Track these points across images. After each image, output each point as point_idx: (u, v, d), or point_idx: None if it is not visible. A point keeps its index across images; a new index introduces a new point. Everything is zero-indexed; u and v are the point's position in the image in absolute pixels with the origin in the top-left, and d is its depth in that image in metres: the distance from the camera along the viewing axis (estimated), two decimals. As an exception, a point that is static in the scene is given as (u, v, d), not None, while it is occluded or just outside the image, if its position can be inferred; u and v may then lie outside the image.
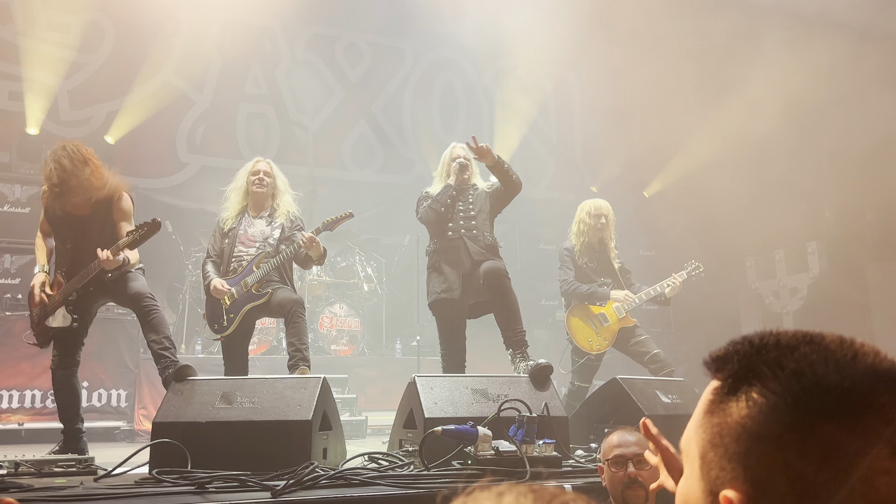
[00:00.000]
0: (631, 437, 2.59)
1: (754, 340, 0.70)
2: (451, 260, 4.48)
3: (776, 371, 0.66)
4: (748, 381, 0.67)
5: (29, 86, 8.25)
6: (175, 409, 3.32)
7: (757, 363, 0.68)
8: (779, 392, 0.64)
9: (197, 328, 7.47)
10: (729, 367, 0.70)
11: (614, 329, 5.37)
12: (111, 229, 4.12)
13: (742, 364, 0.69)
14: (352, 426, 6.30)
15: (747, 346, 0.70)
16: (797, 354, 0.66)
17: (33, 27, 8.38)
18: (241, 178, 4.70)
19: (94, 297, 4.15)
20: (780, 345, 0.68)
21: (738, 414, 0.66)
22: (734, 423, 0.66)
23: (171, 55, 8.98)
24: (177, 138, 9.01)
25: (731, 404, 0.68)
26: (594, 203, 5.59)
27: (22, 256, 6.76)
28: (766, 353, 0.68)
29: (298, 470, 2.75)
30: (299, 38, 9.84)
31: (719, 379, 0.71)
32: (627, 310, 5.38)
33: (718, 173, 9.29)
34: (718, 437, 0.68)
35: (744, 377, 0.68)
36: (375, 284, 8.50)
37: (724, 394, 0.69)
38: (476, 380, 3.73)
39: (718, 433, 0.68)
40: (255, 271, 4.42)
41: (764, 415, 0.64)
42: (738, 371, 0.69)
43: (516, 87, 10.78)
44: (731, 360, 0.70)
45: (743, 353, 0.70)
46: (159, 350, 3.99)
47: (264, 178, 4.61)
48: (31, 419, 6.07)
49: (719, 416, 0.68)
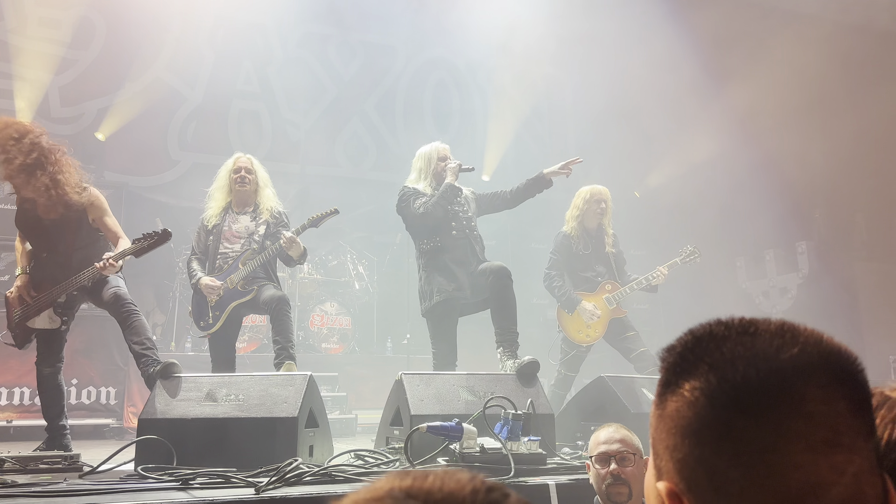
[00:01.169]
0: (616, 435, 2.60)
1: (696, 331, 0.70)
2: (459, 258, 4.45)
3: (702, 366, 0.66)
4: (682, 375, 0.67)
5: (19, 83, 8.21)
6: (161, 406, 3.32)
7: (690, 357, 0.68)
8: (700, 387, 0.64)
9: (187, 326, 7.45)
10: (669, 359, 0.70)
11: (605, 320, 5.38)
12: (88, 227, 4.10)
13: (678, 357, 0.69)
14: (342, 424, 6.29)
15: (688, 338, 0.70)
16: (724, 348, 0.66)
17: (24, 24, 8.34)
18: (222, 176, 4.69)
19: (76, 299, 4.16)
20: (713, 337, 0.68)
21: (671, 407, 0.67)
22: (668, 416, 0.67)
23: (163, 52, 8.95)
24: (168, 135, 8.97)
25: (667, 397, 0.68)
26: (593, 188, 5.59)
27: (10, 253, 6.71)
28: (700, 347, 0.68)
29: (282, 466, 2.75)
30: (292, 35, 9.81)
31: (661, 371, 0.71)
32: (618, 300, 5.40)
33: (709, 173, 9.33)
34: (658, 430, 0.68)
35: (678, 371, 0.68)
36: (367, 283, 8.49)
37: (664, 386, 0.69)
38: (463, 377, 3.74)
39: (657, 425, 0.69)
40: (240, 268, 4.42)
41: (688, 410, 0.64)
42: (674, 364, 0.69)
43: (509, 86, 10.79)
44: (672, 352, 0.70)
45: (684, 345, 0.70)
46: (141, 350, 3.98)
47: (246, 175, 4.60)
48: (20, 416, 6.05)
49: (660, 408, 0.69)
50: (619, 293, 5.41)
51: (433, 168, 4.67)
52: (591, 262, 5.49)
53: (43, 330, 4.06)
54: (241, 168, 4.61)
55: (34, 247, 4.17)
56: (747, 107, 8.61)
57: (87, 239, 4.09)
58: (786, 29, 8.39)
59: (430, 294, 4.42)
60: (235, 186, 4.60)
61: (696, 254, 5.64)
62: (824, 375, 0.63)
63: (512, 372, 3.90)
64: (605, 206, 5.50)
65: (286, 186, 8.07)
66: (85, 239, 4.08)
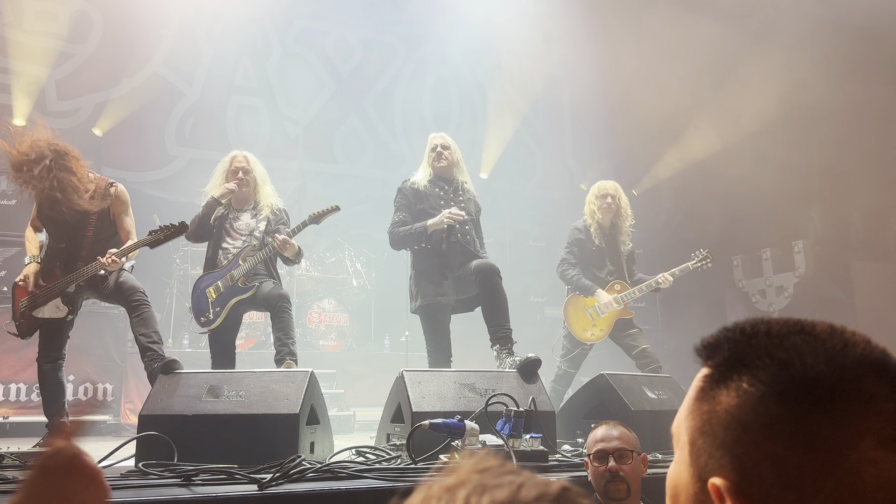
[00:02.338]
0: (614, 432, 2.60)
1: (746, 328, 0.70)
2: (446, 263, 4.44)
3: (765, 360, 0.66)
4: (738, 369, 0.67)
5: (16, 77, 8.17)
6: (162, 402, 3.31)
7: (747, 352, 0.67)
8: (767, 382, 0.64)
9: (184, 322, 7.43)
10: (719, 354, 0.70)
11: (612, 319, 5.38)
12: (109, 222, 4.13)
13: (732, 352, 0.69)
14: (340, 421, 6.29)
15: (738, 334, 0.70)
16: (787, 344, 0.66)
17: (21, 18, 8.29)
18: (219, 173, 4.66)
19: (82, 291, 4.16)
20: (770, 333, 0.68)
21: (727, 403, 0.66)
22: (723, 411, 0.66)
23: (161, 47, 8.91)
24: (165, 131, 8.94)
25: (720, 392, 0.67)
26: (599, 184, 5.58)
27: (8, 249, 6.69)
28: (757, 342, 0.68)
29: (285, 463, 2.74)
30: (290, 31, 9.78)
31: (709, 367, 0.71)
32: (626, 301, 5.39)
33: (706, 173, 9.34)
34: (708, 425, 0.68)
35: (734, 366, 0.68)
36: (364, 280, 8.48)
37: (714, 382, 0.69)
38: (464, 374, 3.74)
39: (708, 421, 0.68)
40: (241, 264, 4.41)
41: (752, 404, 0.64)
42: (728, 359, 0.69)
43: (507, 84, 10.79)
44: (721, 347, 0.70)
45: (734, 341, 0.70)
46: (147, 343, 3.99)
47: (243, 176, 4.57)
48: (16, 412, 6.02)
49: (709, 403, 0.68)
50: (628, 294, 5.40)
51: (427, 157, 4.67)
52: (602, 260, 5.48)
53: (48, 320, 4.05)
54: (239, 169, 4.58)
55: (51, 236, 4.17)
56: (744, 105, 8.62)
57: (106, 233, 4.11)
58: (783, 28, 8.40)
59: (416, 296, 4.50)
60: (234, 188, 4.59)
61: (709, 258, 5.63)
62: (887, 374, 0.64)
63: (513, 369, 3.90)
64: (611, 202, 5.45)
65: (284, 182, 8.04)
66: (104, 233, 4.11)
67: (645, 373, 4.96)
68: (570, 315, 5.48)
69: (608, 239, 5.49)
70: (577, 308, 5.47)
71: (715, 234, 9.01)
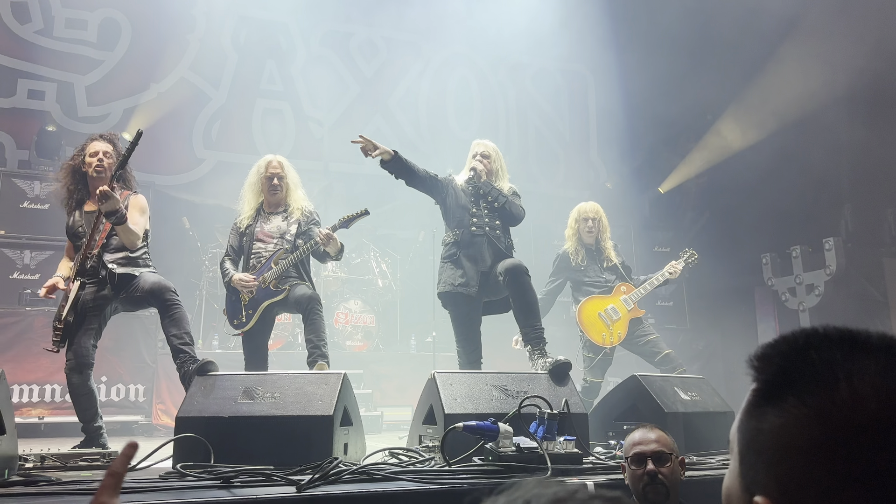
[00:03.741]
0: (651, 435, 2.59)
1: (798, 342, 0.68)
2: (472, 255, 4.44)
3: (811, 382, 0.64)
4: (785, 388, 0.65)
5: (47, 84, 8.33)
6: (198, 404, 3.35)
7: (793, 370, 0.66)
8: (811, 405, 0.63)
9: (214, 323, 7.51)
10: (768, 370, 0.69)
11: (625, 321, 5.44)
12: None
13: (781, 369, 0.67)
14: (368, 422, 6.28)
15: (788, 349, 0.68)
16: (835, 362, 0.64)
17: (51, 26, 8.45)
18: (253, 177, 4.72)
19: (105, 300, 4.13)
20: (821, 349, 0.66)
21: (772, 422, 0.65)
22: (768, 430, 0.65)
23: (187, 52, 9.03)
24: (193, 134, 9.05)
25: (766, 410, 0.66)
26: (581, 207, 5.73)
27: (41, 252, 6.82)
28: (804, 360, 0.66)
29: (323, 464, 2.76)
30: (314, 33, 9.85)
31: (758, 381, 0.69)
32: (635, 300, 5.47)
33: (733, 170, 9.23)
34: (755, 442, 0.67)
35: (780, 384, 0.66)
36: (390, 280, 8.51)
37: (762, 398, 0.68)
38: (495, 376, 3.74)
39: (755, 437, 0.67)
40: (273, 267, 4.44)
41: (796, 426, 0.63)
42: (776, 377, 0.67)
43: (529, 82, 10.76)
44: (771, 361, 0.69)
45: (783, 356, 0.68)
46: (179, 345, 4.02)
47: (277, 182, 4.63)
48: (52, 413, 6.13)
49: (756, 420, 0.67)
50: (636, 293, 5.50)
51: (467, 163, 4.70)
52: (597, 271, 5.61)
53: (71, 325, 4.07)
54: (273, 174, 4.64)
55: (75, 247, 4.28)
56: (773, 101, 8.51)
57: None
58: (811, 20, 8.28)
59: (440, 282, 4.55)
60: (268, 192, 4.63)
61: (694, 255, 5.78)
62: None
63: (544, 371, 3.89)
64: (592, 224, 5.61)
65: (310, 184, 8.06)
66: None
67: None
68: (584, 323, 5.51)
69: (597, 255, 5.66)
70: (590, 315, 5.50)
71: (743, 231, 8.91)
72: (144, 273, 4.18)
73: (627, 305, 5.46)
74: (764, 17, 8.47)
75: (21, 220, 6.94)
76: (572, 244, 5.67)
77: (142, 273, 4.17)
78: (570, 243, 5.69)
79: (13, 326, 6.21)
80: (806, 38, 8.25)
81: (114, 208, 3.92)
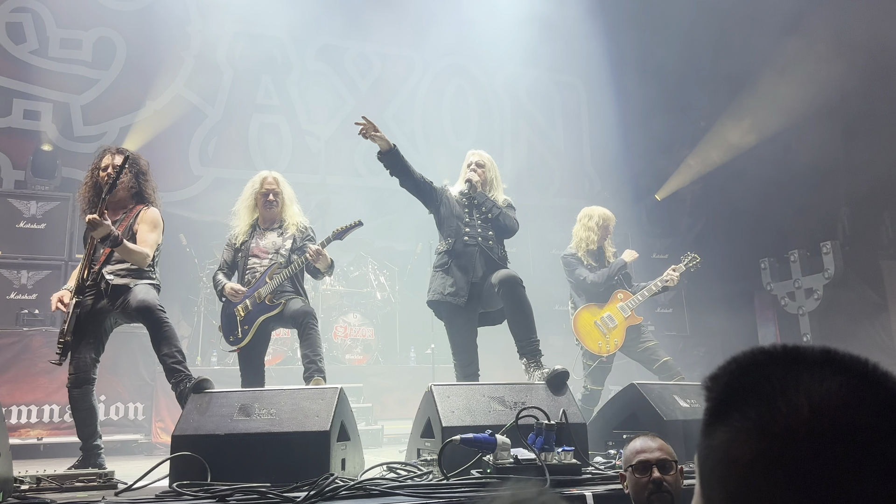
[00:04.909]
0: (654, 443, 2.57)
1: (742, 361, 0.71)
2: (463, 265, 4.42)
3: (752, 395, 0.66)
4: (731, 405, 0.68)
5: (43, 104, 8.35)
6: (194, 422, 3.33)
7: (737, 387, 0.68)
8: (752, 418, 0.65)
9: (212, 340, 7.50)
10: (717, 389, 0.71)
11: (622, 329, 5.42)
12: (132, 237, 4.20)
13: (727, 387, 0.69)
14: (368, 435, 6.28)
15: (737, 366, 0.71)
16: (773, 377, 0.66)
17: (46, 46, 8.49)
18: (248, 194, 4.73)
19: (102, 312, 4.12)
20: (762, 365, 0.69)
21: (721, 438, 0.67)
22: (717, 446, 0.67)
23: (182, 69, 9.06)
24: (189, 151, 9.07)
25: (716, 428, 0.68)
26: (604, 213, 5.68)
27: (38, 272, 6.81)
28: (748, 376, 0.68)
29: (318, 481, 2.74)
30: (309, 48, 9.89)
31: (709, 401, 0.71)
32: (632, 308, 5.44)
33: (730, 175, 9.24)
34: (709, 460, 0.68)
35: (727, 401, 0.68)
36: (388, 293, 8.50)
37: (713, 416, 0.70)
38: (493, 387, 3.72)
39: (708, 455, 0.69)
40: (267, 282, 4.44)
41: (739, 440, 0.65)
42: (722, 395, 0.69)
43: (523, 94, 10.80)
44: (720, 381, 0.71)
45: (730, 374, 0.70)
46: (172, 364, 4.00)
47: (273, 198, 4.64)
48: (50, 434, 6.10)
49: (708, 438, 0.69)
50: (633, 300, 5.48)
51: (462, 173, 4.69)
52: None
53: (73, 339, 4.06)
54: (269, 191, 4.65)
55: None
56: (769, 105, 8.53)
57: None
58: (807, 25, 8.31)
59: (429, 290, 4.55)
60: (263, 208, 4.64)
61: (696, 259, 5.75)
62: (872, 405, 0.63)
63: (541, 382, 3.87)
64: (610, 229, 5.69)
65: (307, 197, 8.10)
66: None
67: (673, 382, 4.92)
68: (580, 331, 5.50)
69: (598, 259, 5.64)
70: (585, 323, 5.49)
71: (741, 236, 8.90)
72: (138, 286, 4.14)
73: (624, 313, 5.44)
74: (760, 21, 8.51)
75: (17, 240, 6.94)
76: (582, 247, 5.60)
77: (136, 285, 4.13)
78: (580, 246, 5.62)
79: (11, 347, 6.20)
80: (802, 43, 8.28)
81: (105, 234, 3.93)
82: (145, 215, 4.28)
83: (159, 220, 4.34)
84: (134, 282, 4.15)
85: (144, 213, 4.28)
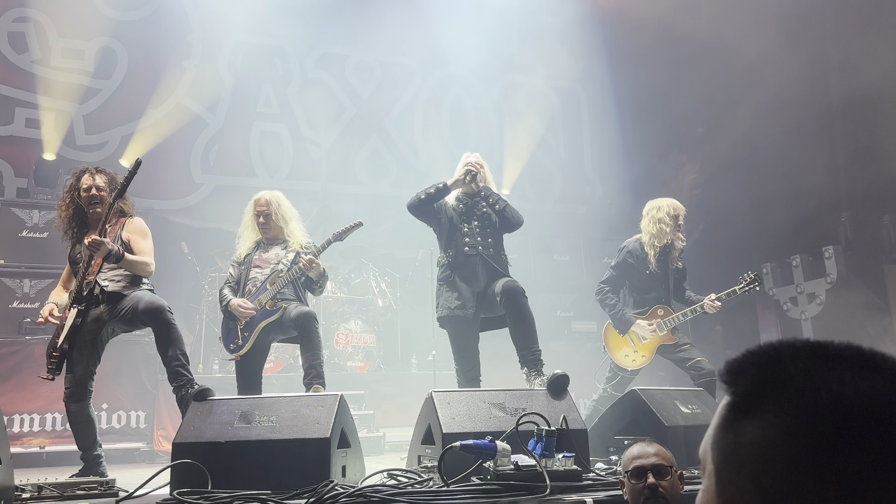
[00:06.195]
0: (650, 449, 2.57)
1: (770, 352, 0.67)
2: (466, 276, 4.44)
3: (791, 390, 0.63)
4: (762, 399, 0.64)
5: (45, 112, 8.39)
6: (195, 430, 3.33)
7: (771, 379, 0.65)
8: (793, 413, 0.62)
9: (214, 348, 7.50)
10: (743, 382, 0.67)
11: (654, 345, 5.15)
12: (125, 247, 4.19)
13: (756, 380, 0.66)
14: (370, 443, 6.27)
15: (762, 360, 0.67)
16: (813, 370, 0.63)
17: (48, 55, 8.54)
18: (247, 216, 4.78)
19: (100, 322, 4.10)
20: (795, 359, 0.65)
21: (753, 434, 0.63)
22: (748, 442, 0.64)
23: (184, 78, 9.11)
24: (191, 159, 9.11)
25: (745, 422, 0.65)
26: (674, 203, 5.26)
27: (41, 281, 6.83)
28: (781, 369, 0.65)
29: (318, 488, 2.74)
30: (309, 57, 9.95)
31: (733, 395, 0.68)
32: (669, 327, 5.12)
33: (729, 181, 9.24)
34: (734, 457, 0.65)
35: (758, 395, 0.65)
36: (390, 300, 8.50)
37: (739, 411, 0.66)
38: (493, 394, 3.72)
39: (733, 452, 0.65)
40: (268, 288, 4.47)
41: (779, 436, 0.62)
42: (752, 388, 0.66)
43: (522, 101, 10.84)
44: (745, 374, 0.67)
45: (758, 367, 0.67)
46: (176, 367, 3.99)
47: (264, 220, 4.67)
48: (53, 442, 6.10)
49: (734, 433, 0.66)
50: (671, 319, 5.12)
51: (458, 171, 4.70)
52: (652, 283, 5.21)
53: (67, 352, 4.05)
54: (260, 213, 4.69)
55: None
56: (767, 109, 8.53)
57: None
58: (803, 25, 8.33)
59: (438, 306, 4.54)
60: (259, 228, 4.71)
61: (757, 281, 5.20)
62: None
63: (542, 388, 3.87)
64: (680, 222, 5.21)
65: (308, 204, 8.14)
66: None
67: (696, 385, 4.84)
68: (610, 341, 5.32)
69: (662, 259, 5.20)
70: (618, 334, 5.28)
71: (742, 242, 8.90)
72: (138, 292, 4.12)
73: (660, 330, 5.11)
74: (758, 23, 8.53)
75: (20, 249, 6.96)
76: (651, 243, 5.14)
77: (134, 292, 4.12)
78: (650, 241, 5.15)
79: (13, 356, 6.20)
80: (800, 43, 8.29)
81: (106, 252, 3.95)
82: (131, 226, 4.27)
83: (147, 229, 4.35)
84: (130, 289, 4.14)
85: (130, 224, 4.27)
